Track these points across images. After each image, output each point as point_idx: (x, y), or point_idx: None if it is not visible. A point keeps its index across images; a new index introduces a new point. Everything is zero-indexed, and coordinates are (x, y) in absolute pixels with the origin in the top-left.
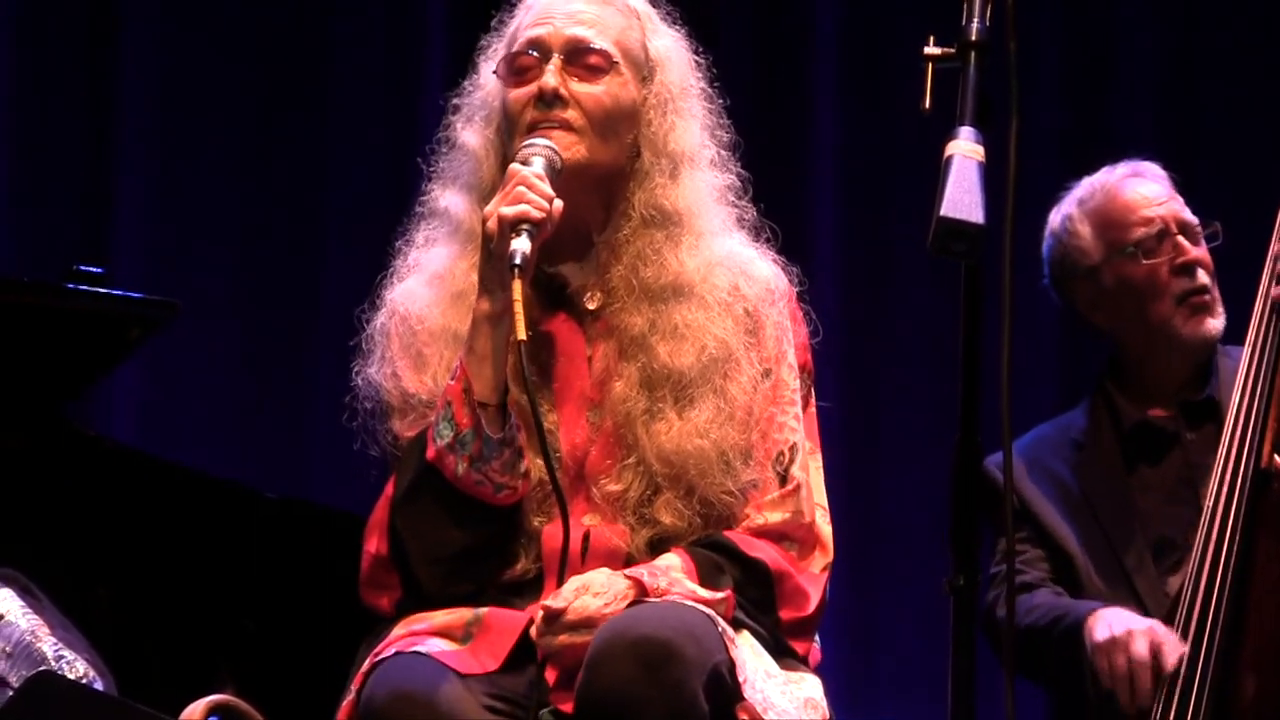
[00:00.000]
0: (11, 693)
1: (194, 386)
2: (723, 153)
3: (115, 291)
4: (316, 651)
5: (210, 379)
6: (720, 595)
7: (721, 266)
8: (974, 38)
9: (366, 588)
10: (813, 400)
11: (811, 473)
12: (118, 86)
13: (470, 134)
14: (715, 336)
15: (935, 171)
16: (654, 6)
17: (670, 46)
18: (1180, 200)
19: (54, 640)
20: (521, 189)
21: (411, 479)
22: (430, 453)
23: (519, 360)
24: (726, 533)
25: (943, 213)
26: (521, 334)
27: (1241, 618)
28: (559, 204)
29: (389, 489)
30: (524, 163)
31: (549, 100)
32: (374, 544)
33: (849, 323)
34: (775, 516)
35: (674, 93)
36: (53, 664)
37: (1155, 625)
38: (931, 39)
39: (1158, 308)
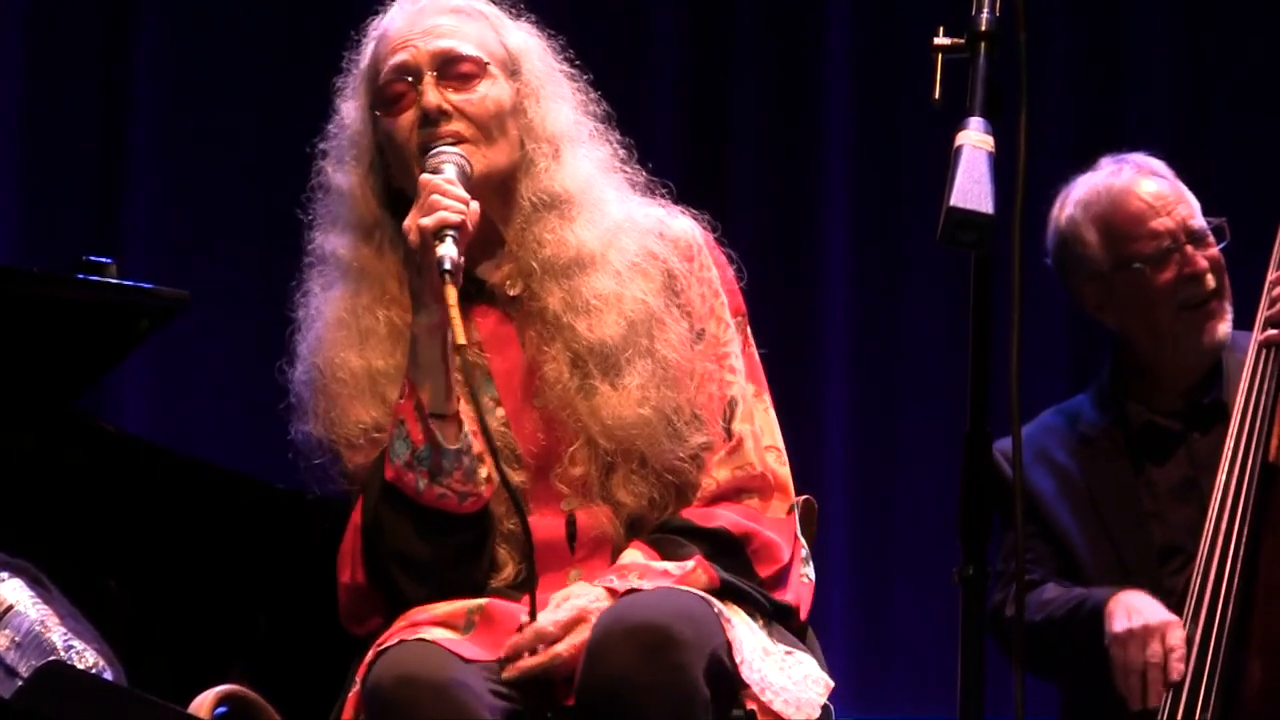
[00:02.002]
0: (21, 682)
1: (206, 379)
2: (599, 126)
3: (125, 282)
4: (327, 643)
5: (222, 371)
6: (690, 564)
7: (624, 232)
8: (984, 28)
9: (349, 620)
10: (750, 341)
11: (759, 415)
12: (131, 78)
13: (342, 175)
14: (632, 299)
15: (946, 163)
16: (494, 3)
17: (524, 38)
18: (1187, 200)
19: (63, 630)
20: (435, 197)
21: (375, 503)
22: (389, 473)
23: (463, 366)
24: (682, 512)
25: (952, 203)
26: (460, 338)
27: (1249, 612)
28: (475, 205)
29: (355, 517)
30: (434, 172)
31: (434, 118)
32: (348, 574)
33: (862, 314)
34: (723, 474)
35: (540, 80)
36: (62, 654)
37: (1172, 625)
38: (941, 30)
39: (1165, 316)
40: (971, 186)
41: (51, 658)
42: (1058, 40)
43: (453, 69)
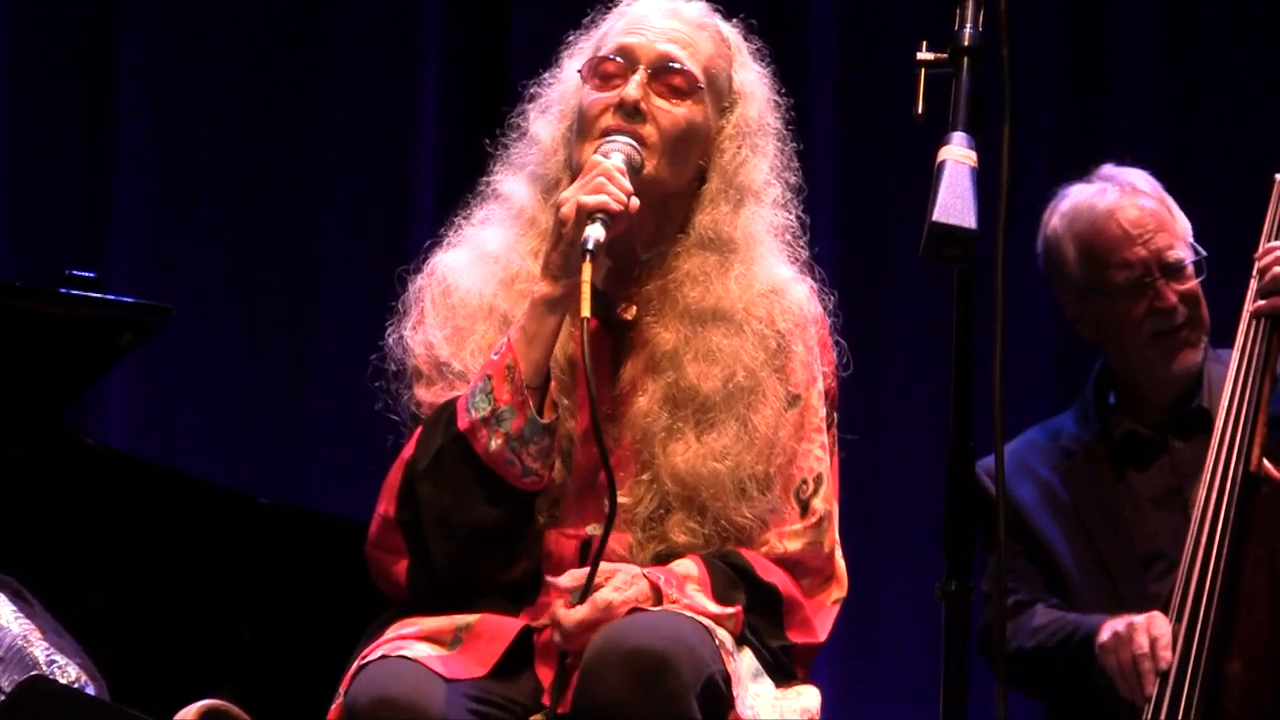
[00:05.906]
0: (3, 697)
1: (189, 392)
2: (788, 194)
3: (108, 296)
4: (311, 657)
5: (206, 385)
6: (730, 611)
7: (763, 297)
8: (967, 43)
9: (375, 549)
10: (834, 429)
11: (834, 505)
12: (115, 92)
13: (543, 125)
14: (745, 366)
15: (930, 177)
16: (745, 41)
17: (754, 81)
18: (1169, 228)
19: (46, 645)
20: (602, 180)
21: (438, 448)
22: (463, 423)
23: (582, 338)
24: (743, 551)
25: (935, 218)
26: (586, 312)
27: (1230, 622)
28: (636, 201)
29: (406, 452)
30: (605, 156)
31: (629, 111)
32: (384, 506)
33: (845, 327)
34: (794, 545)
35: (751, 128)
36: (45, 669)
37: (1155, 617)
38: (924, 44)
39: (1134, 342)
40: (954, 202)
41: (34, 672)
42: (1041, 55)
43: (666, 77)
